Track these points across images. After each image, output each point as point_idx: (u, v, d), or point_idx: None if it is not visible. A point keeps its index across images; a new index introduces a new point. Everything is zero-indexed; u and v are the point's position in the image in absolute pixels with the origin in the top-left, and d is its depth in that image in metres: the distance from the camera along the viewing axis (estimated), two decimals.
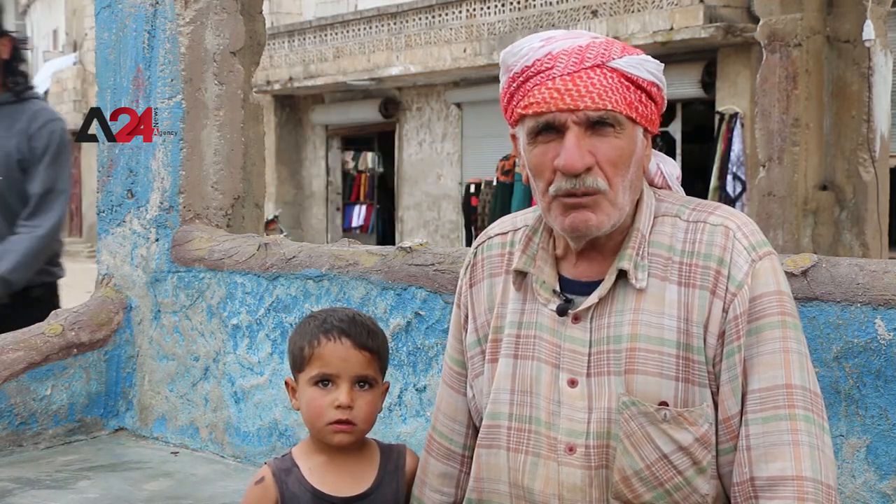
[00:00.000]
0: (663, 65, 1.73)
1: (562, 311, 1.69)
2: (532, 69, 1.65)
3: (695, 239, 1.67)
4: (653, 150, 1.77)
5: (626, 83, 1.64)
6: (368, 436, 1.98)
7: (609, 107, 1.61)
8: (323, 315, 1.91)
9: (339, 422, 1.83)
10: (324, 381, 1.85)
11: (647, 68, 1.67)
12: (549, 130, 1.63)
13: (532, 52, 1.66)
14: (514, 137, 1.74)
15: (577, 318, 1.68)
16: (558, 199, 1.64)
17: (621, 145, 1.63)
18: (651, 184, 1.78)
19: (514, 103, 1.68)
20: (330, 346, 1.85)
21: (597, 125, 1.62)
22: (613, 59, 1.64)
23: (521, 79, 1.66)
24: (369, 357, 1.86)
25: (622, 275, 1.66)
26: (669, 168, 1.82)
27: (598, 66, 1.63)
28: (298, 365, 1.89)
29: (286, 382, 1.94)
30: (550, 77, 1.63)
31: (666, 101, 1.75)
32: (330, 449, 1.89)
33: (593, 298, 1.67)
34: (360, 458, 1.91)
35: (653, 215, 1.71)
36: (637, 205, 1.70)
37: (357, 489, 1.88)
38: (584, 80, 1.62)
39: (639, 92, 1.66)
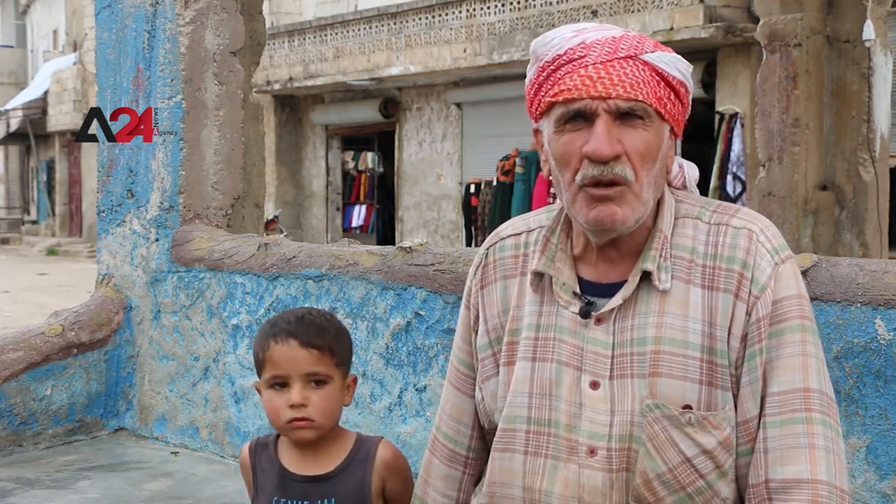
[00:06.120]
0: (692, 67, 1.73)
1: (585, 314, 1.67)
2: (564, 57, 1.63)
3: (717, 241, 1.66)
4: None
5: (657, 78, 1.63)
6: (359, 431, 2.03)
7: (640, 98, 1.60)
8: (275, 318, 1.98)
9: (296, 419, 1.90)
10: (278, 383, 1.91)
11: (678, 66, 1.67)
12: (578, 119, 1.61)
13: (564, 41, 1.65)
14: (536, 132, 1.72)
15: (599, 320, 1.66)
16: (584, 189, 1.61)
17: (649, 138, 1.62)
18: (669, 184, 1.77)
19: (543, 93, 1.66)
20: (278, 349, 1.91)
21: (626, 116, 1.60)
22: (646, 52, 1.64)
23: (551, 67, 1.65)
24: (318, 354, 1.90)
25: (645, 276, 1.65)
26: (691, 171, 1.82)
27: (630, 57, 1.62)
28: (258, 369, 1.97)
29: (255, 385, 2.01)
30: (583, 65, 1.61)
31: (690, 105, 1.75)
32: None
33: (617, 300, 1.65)
34: (332, 444, 1.97)
35: (673, 216, 1.70)
36: (658, 205, 1.69)
37: (320, 470, 1.94)
38: (617, 69, 1.61)
39: (668, 89, 1.65)
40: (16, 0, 37.58)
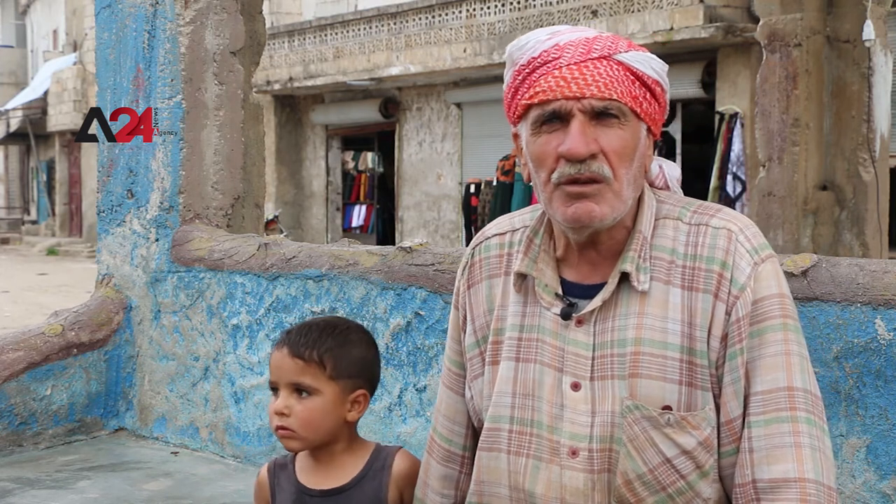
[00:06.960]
0: (668, 66, 1.73)
1: (566, 315, 1.68)
2: (538, 60, 1.64)
3: (697, 242, 1.66)
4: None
5: (632, 77, 1.64)
6: (373, 440, 2.01)
7: (614, 96, 1.61)
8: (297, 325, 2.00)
9: (279, 427, 1.89)
10: (272, 388, 1.92)
11: (653, 66, 1.67)
12: (554, 120, 1.62)
13: (539, 43, 1.66)
14: (516, 136, 1.72)
15: (580, 322, 1.67)
16: (561, 187, 1.62)
17: (626, 136, 1.63)
18: (651, 185, 1.77)
19: (520, 96, 1.67)
20: (274, 356, 1.92)
21: (601, 116, 1.61)
22: (620, 52, 1.64)
23: (527, 70, 1.65)
24: (302, 365, 1.88)
25: (625, 277, 1.66)
26: (671, 170, 1.82)
27: (604, 57, 1.63)
28: None
29: None
30: (557, 66, 1.62)
31: (668, 105, 1.75)
32: (316, 448, 1.95)
33: (597, 302, 1.66)
34: (348, 456, 1.96)
35: (654, 217, 1.70)
36: (638, 206, 1.70)
37: (336, 483, 1.93)
38: (591, 69, 1.61)
39: (643, 88, 1.66)
40: (16, 0, 37.58)
